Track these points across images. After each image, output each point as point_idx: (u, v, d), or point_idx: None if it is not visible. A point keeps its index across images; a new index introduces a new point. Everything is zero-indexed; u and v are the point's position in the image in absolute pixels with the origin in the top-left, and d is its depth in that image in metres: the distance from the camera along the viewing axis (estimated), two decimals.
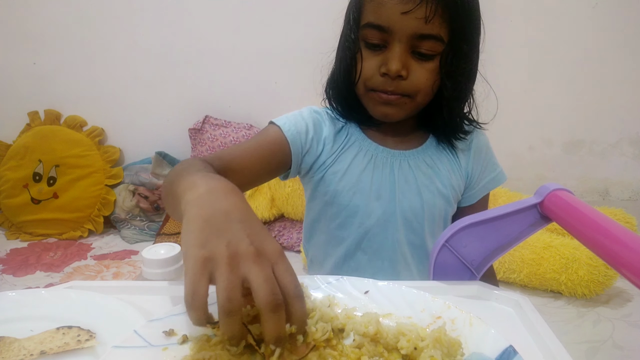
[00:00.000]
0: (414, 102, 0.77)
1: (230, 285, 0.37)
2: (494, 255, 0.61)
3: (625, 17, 2.21)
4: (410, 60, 0.73)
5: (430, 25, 0.70)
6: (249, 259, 0.39)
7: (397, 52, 0.72)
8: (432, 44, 0.72)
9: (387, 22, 0.71)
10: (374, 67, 0.75)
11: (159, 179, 2.23)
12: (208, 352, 0.44)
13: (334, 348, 0.45)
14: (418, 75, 0.74)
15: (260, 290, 0.38)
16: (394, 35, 0.72)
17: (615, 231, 0.47)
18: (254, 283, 0.38)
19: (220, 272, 0.38)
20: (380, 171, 0.83)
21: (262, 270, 0.39)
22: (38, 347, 0.47)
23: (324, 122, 0.84)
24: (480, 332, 0.47)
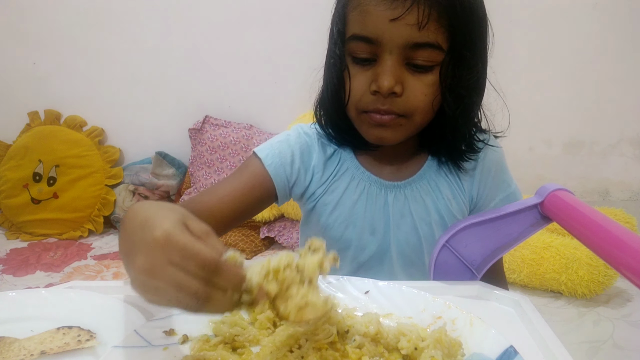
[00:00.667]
0: (412, 123, 0.67)
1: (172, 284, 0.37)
2: (495, 255, 0.61)
3: (625, 17, 2.21)
4: (405, 74, 0.64)
5: (424, 32, 0.61)
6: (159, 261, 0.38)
7: (389, 65, 0.62)
8: (429, 53, 0.62)
9: (374, 32, 0.62)
10: (363, 85, 0.66)
11: (159, 179, 2.23)
12: (208, 352, 0.44)
13: (337, 350, 0.45)
14: (415, 91, 0.64)
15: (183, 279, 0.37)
16: (384, 46, 0.62)
17: (615, 231, 0.47)
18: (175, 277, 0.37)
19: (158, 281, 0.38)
20: (373, 203, 0.75)
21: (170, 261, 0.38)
22: (38, 347, 0.47)
23: (312, 147, 0.77)
24: (481, 332, 0.47)
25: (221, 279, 0.37)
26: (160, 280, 0.38)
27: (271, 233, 2.06)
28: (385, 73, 0.63)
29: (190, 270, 0.37)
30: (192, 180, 2.20)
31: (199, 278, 0.37)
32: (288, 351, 0.45)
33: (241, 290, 0.39)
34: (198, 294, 0.37)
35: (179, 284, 0.37)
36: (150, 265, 0.38)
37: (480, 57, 0.68)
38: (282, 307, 0.41)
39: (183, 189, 2.24)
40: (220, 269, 0.37)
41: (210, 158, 2.17)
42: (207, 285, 0.37)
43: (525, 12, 2.19)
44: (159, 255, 0.38)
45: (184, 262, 0.37)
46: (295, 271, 0.42)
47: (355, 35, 0.64)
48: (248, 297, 0.39)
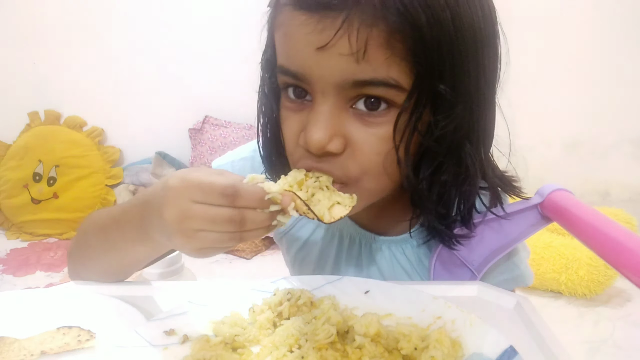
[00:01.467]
0: (362, 190, 0.48)
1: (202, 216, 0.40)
2: (495, 255, 0.61)
3: (625, 17, 2.21)
4: (349, 121, 0.45)
5: (367, 65, 0.42)
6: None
7: (322, 112, 0.44)
8: (381, 91, 0.43)
9: (299, 65, 0.45)
10: (294, 134, 0.48)
11: (159, 179, 2.22)
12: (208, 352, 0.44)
13: (337, 350, 0.45)
14: (363, 147, 0.45)
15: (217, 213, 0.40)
16: (314, 85, 0.44)
17: (615, 232, 0.47)
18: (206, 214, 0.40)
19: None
20: (346, 252, 0.62)
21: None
22: (38, 347, 0.47)
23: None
24: (481, 333, 0.47)
25: (243, 198, 0.39)
26: (193, 221, 0.40)
27: (271, 233, 2.06)
28: (316, 123, 0.44)
29: (215, 201, 0.39)
30: None
31: (225, 205, 0.39)
32: (288, 351, 0.45)
33: (267, 204, 0.41)
34: (232, 219, 0.39)
35: (211, 217, 0.39)
36: (179, 211, 0.40)
37: (471, 92, 0.46)
38: (316, 209, 0.44)
39: None
40: (238, 190, 0.39)
41: (210, 158, 2.17)
42: (234, 209, 0.39)
43: (525, 12, 2.19)
44: (182, 199, 0.40)
45: (205, 196, 0.39)
46: (314, 180, 0.46)
47: (281, 67, 0.47)
48: (276, 207, 0.41)
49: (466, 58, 0.45)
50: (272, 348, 0.46)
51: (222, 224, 0.39)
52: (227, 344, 0.47)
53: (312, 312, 0.50)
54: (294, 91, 0.48)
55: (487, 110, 0.50)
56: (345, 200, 0.46)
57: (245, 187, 0.40)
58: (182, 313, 0.50)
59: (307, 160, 0.47)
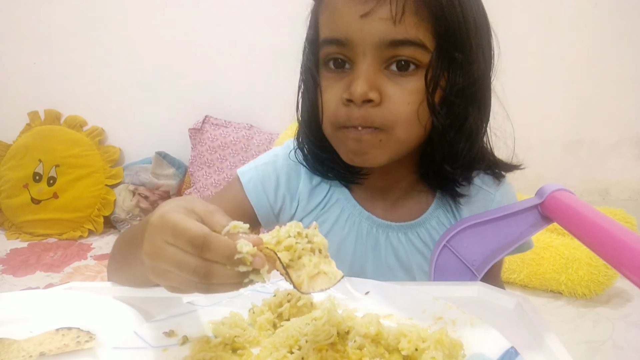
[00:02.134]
0: (395, 139, 0.57)
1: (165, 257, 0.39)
2: (495, 255, 0.61)
3: (625, 17, 2.21)
4: (384, 79, 0.55)
5: (401, 27, 0.52)
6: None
7: (363, 69, 0.54)
8: (410, 52, 0.54)
9: (344, 32, 0.55)
10: (337, 94, 0.57)
11: (159, 179, 2.22)
12: (208, 353, 0.44)
13: (337, 351, 0.45)
14: (395, 99, 0.55)
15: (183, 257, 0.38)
16: (356, 47, 0.55)
17: (616, 232, 0.47)
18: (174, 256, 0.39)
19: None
20: (363, 243, 0.67)
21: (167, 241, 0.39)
22: (37, 348, 0.46)
23: (300, 172, 0.69)
24: (482, 333, 0.47)
25: (211, 252, 0.38)
26: (162, 261, 0.39)
27: None
28: (358, 78, 0.54)
29: (184, 247, 0.38)
30: (192, 180, 2.20)
31: (193, 254, 0.38)
32: (288, 352, 0.45)
33: (236, 263, 0.38)
34: (197, 270, 0.38)
35: (177, 261, 0.38)
36: (151, 247, 0.40)
37: (477, 60, 0.58)
38: (295, 275, 0.40)
39: (183, 189, 2.24)
40: (208, 243, 0.38)
41: (210, 158, 2.17)
42: (202, 260, 0.38)
43: (525, 11, 2.19)
44: (157, 236, 0.39)
45: (176, 240, 0.38)
46: (306, 240, 0.42)
47: (326, 39, 0.58)
48: (246, 268, 0.39)
49: (473, 29, 0.57)
50: (272, 349, 0.46)
51: (187, 272, 0.38)
52: (227, 345, 0.47)
53: (312, 313, 0.50)
54: (334, 62, 0.58)
55: (486, 83, 0.61)
56: (330, 274, 0.41)
57: (215, 241, 0.37)
58: (181, 314, 0.50)
59: (350, 114, 0.56)
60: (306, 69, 0.63)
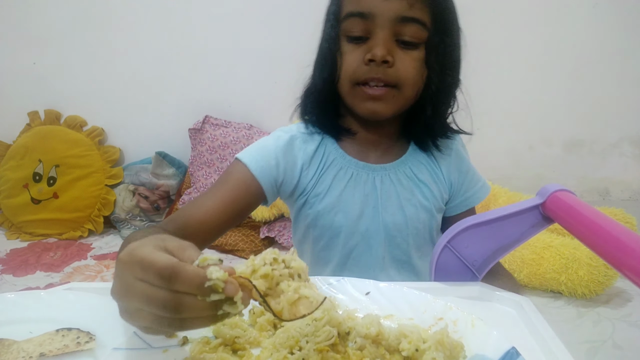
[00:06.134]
0: (402, 95, 0.73)
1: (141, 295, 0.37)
2: (496, 256, 0.61)
3: (625, 17, 2.21)
4: (395, 49, 0.71)
5: (413, 9, 0.69)
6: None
7: (382, 37, 0.70)
8: (416, 29, 0.70)
9: (368, 7, 0.70)
10: (358, 57, 0.72)
11: (159, 179, 2.22)
12: (208, 354, 0.44)
13: (338, 352, 0.45)
14: (404, 63, 0.71)
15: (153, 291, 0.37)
16: (377, 21, 0.70)
17: (617, 232, 0.47)
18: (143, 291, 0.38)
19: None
20: (361, 188, 0.79)
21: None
22: (37, 349, 0.46)
23: (295, 146, 0.79)
24: (483, 334, 0.47)
25: (180, 283, 0.36)
26: (132, 298, 0.38)
27: (271, 233, 2.06)
28: (379, 44, 0.70)
29: (153, 281, 0.36)
30: (192, 180, 2.20)
31: (162, 286, 0.36)
32: (289, 353, 0.45)
33: (207, 292, 0.36)
34: (166, 303, 0.36)
35: (146, 297, 0.37)
36: (120, 285, 0.39)
37: (456, 45, 0.76)
38: (274, 302, 0.39)
39: (183, 189, 2.24)
40: (177, 273, 0.36)
41: (210, 158, 2.17)
42: (171, 293, 0.36)
43: (525, 12, 2.19)
44: (126, 273, 0.38)
45: (144, 274, 0.37)
46: (283, 266, 0.41)
47: (350, 12, 0.71)
48: (218, 296, 0.36)
49: (454, 21, 0.75)
50: (273, 350, 0.46)
51: (156, 307, 0.36)
52: (227, 346, 0.47)
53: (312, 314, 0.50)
54: (354, 39, 0.72)
55: (459, 60, 0.78)
56: (311, 298, 0.39)
57: (184, 270, 0.36)
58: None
59: (370, 72, 0.70)
60: (327, 37, 0.76)
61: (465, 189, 0.85)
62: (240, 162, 0.76)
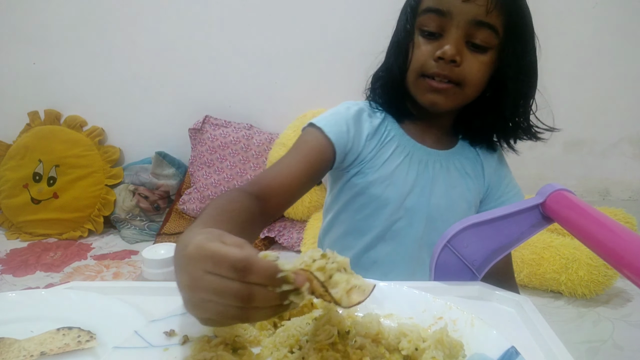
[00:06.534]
0: (463, 93, 0.77)
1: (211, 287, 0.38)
2: (496, 255, 0.61)
3: (625, 17, 2.21)
4: (465, 50, 0.74)
5: (490, 15, 0.72)
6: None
7: (454, 37, 0.73)
8: (488, 34, 0.73)
9: (447, 6, 0.73)
10: (429, 52, 0.76)
11: (159, 178, 2.22)
12: (209, 353, 0.44)
13: (338, 351, 0.45)
14: (471, 65, 0.75)
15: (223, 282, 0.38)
16: (453, 20, 0.73)
17: (617, 232, 0.47)
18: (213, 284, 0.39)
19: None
20: (415, 167, 0.84)
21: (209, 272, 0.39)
22: (38, 348, 0.46)
23: (363, 117, 0.85)
24: (482, 333, 0.47)
25: (254, 274, 0.38)
26: (202, 291, 0.39)
27: (271, 233, 2.06)
28: (451, 43, 0.73)
29: (225, 273, 0.38)
30: (192, 180, 2.20)
31: (235, 279, 0.38)
32: (289, 352, 0.45)
33: (279, 282, 0.38)
34: (239, 294, 0.38)
35: (218, 289, 0.38)
36: (190, 279, 0.40)
37: (529, 51, 0.78)
38: (334, 291, 0.41)
39: (183, 189, 2.24)
40: (251, 265, 0.38)
41: (210, 158, 2.17)
42: (243, 284, 0.38)
43: None
44: (195, 267, 0.39)
45: (216, 267, 0.38)
46: (331, 261, 0.44)
47: (429, 7, 0.75)
48: (288, 287, 0.39)
49: (529, 29, 0.78)
50: (273, 349, 0.46)
51: (228, 297, 0.38)
52: (227, 345, 0.47)
53: (312, 313, 0.50)
54: (429, 33, 0.76)
55: (535, 60, 0.81)
56: (363, 287, 0.43)
57: (258, 263, 0.38)
58: (182, 313, 0.50)
59: (437, 67, 0.74)
60: (403, 29, 0.80)
61: (500, 194, 0.89)
62: (314, 127, 0.81)
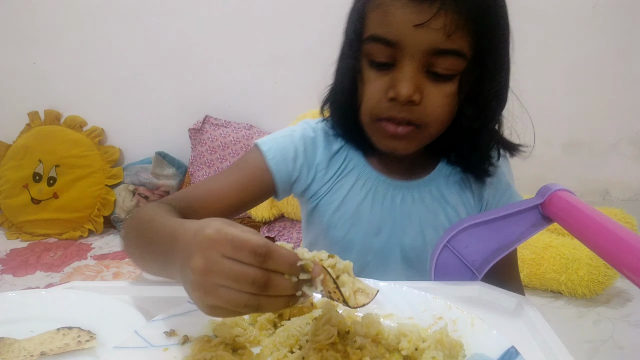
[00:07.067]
0: (427, 134, 0.65)
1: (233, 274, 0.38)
2: (495, 255, 0.61)
3: (625, 17, 2.21)
4: (425, 82, 0.61)
5: (451, 39, 0.58)
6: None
7: (409, 71, 0.60)
8: (452, 61, 0.60)
9: (396, 35, 0.59)
10: (380, 90, 0.62)
11: (159, 179, 2.22)
12: (209, 353, 0.44)
13: (338, 351, 0.45)
14: (433, 101, 0.61)
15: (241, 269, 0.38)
16: (405, 50, 0.59)
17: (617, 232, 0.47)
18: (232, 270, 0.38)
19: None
20: (380, 204, 0.73)
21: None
22: (38, 348, 0.46)
23: (317, 144, 0.74)
24: (482, 333, 0.47)
25: (274, 260, 0.38)
26: (217, 275, 0.38)
27: (271, 233, 2.06)
28: (405, 80, 0.60)
29: (244, 259, 0.37)
30: (192, 180, 2.20)
31: (253, 264, 0.37)
32: (289, 352, 0.45)
33: (298, 270, 0.39)
34: (256, 280, 0.37)
35: (236, 274, 0.37)
36: (206, 262, 0.38)
37: (503, 66, 0.66)
38: (343, 289, 0.42)
39: None
40: (271, 251, 0.37)
41: (210, 158, 2.17)
42: (262, 270, 0.37)
43: (525, 12, 2.18)
44: (212, 251, 0.38)
45: (236, 252, 0.38)
46: (335, 262, 0.44)
47: (374, 36, 0.61)
48: (306, 276, 0.39)
49: (503, 39, 0.64)
50: (273, 349, 0.46)
51: (245, 283, 0.37)
52: (227, 345, 0.47)
53: (312, 313, 0.50)
54: (378, 62, 0.62)
55: (507, 81, 0.69)
56: (368, 290, 0.44)
57: (279, 249, 0.38)
58: (182, 313, 0.50)
59: (392, 110, 0.62)
60: (347, 55, 0.67)
61: (501, 197, 0.77)
62: (257, 150, 0.72)
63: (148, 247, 0.53)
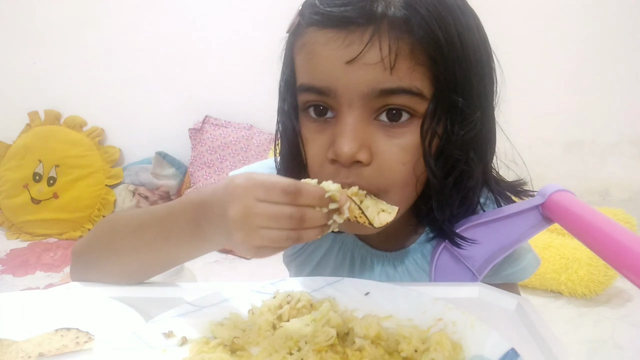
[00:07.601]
0: (390, 200, 0.50)
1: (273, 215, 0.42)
2: (495, 256, 0.61)
3: (625, 17, 2.21)
4: (374, 133, 0.48)
5: (394, 74, 0.45)
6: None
7: (349, 123, 0.47)
8: (405, 100, 0.47)
9: (326, 80, 0.47)
10: (320, 151, 0.50)
11: (159, 179, 2.22)
12: (207, 354, 0.44)
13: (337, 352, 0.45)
14: (389, 158, 0.48)
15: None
16: (340, 97, 0.47)
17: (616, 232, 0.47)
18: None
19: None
20: (357, 274, 0.63)
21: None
22: (36, 349, 0.46)
23: None
24: (482, 334, 0.47)
25: (304, 196, 0.41)
26: (256, 217, 0.42)
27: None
28: (344, 135, 0.47)
29: (277, 199, 0.41)
30: (192, 180, 2.20)
31: (287, 203, 0.41)
32: (288, 354, 0.45)
33: (327, 202, 0.43)
34: (292, 216, 0.41)
35: (273, 214, 0.41)
36: (243, 208, 0.42)
37: (480, 102, 0.51)
38: (368, 212, 0.46)
39: (183, 189, 2.24)
40: (300, 189, 0.41)
41: (210, 158, 2.17)
42: (296, 207, 0.41)
43: (525, 11, 2.19)
44: (247, 197, 0.42)
45: (268, 194, 0.42)
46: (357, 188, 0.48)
47: (304, 85, 0.50)
48: (334, 205, 0.43)
49: (476, 67, 0.50)
50: (272, 350, 0.46)
51: (283, 220, 0.41)
52: (226, 346, 0.47)
53: (311, 314, 0.50)
54: (315, 110, 0.51)
55: (489, 123, 0.54)
56: (389, 208, 0.48)
57: (306, 186, 0.42)
58: (181, 314, 0.50)
59: (337, 175, 0.49)
60: (283, 112, 0.56)
61: (504, 268, 0.63)
62: None
63: (154, 231, 0.53)
